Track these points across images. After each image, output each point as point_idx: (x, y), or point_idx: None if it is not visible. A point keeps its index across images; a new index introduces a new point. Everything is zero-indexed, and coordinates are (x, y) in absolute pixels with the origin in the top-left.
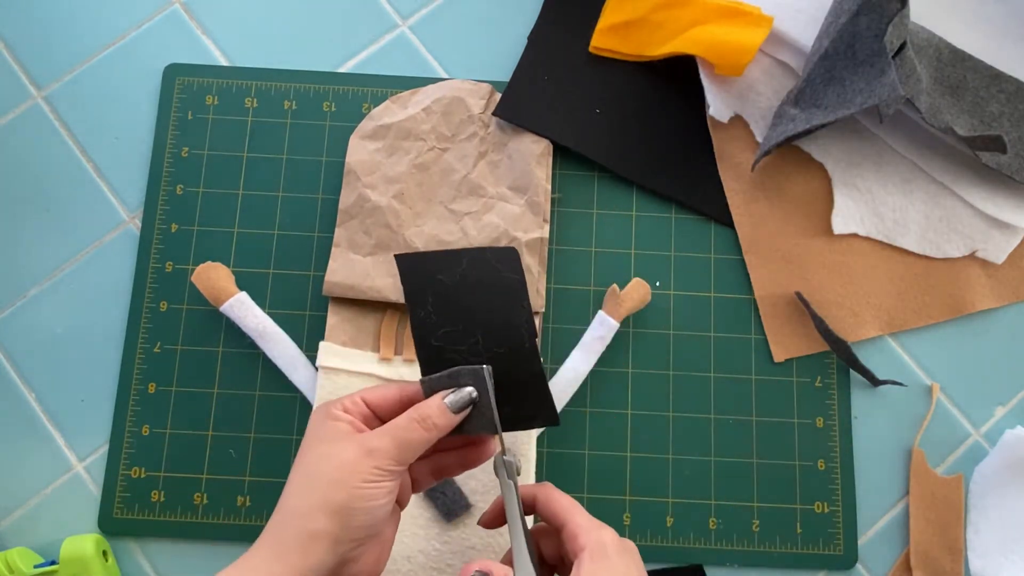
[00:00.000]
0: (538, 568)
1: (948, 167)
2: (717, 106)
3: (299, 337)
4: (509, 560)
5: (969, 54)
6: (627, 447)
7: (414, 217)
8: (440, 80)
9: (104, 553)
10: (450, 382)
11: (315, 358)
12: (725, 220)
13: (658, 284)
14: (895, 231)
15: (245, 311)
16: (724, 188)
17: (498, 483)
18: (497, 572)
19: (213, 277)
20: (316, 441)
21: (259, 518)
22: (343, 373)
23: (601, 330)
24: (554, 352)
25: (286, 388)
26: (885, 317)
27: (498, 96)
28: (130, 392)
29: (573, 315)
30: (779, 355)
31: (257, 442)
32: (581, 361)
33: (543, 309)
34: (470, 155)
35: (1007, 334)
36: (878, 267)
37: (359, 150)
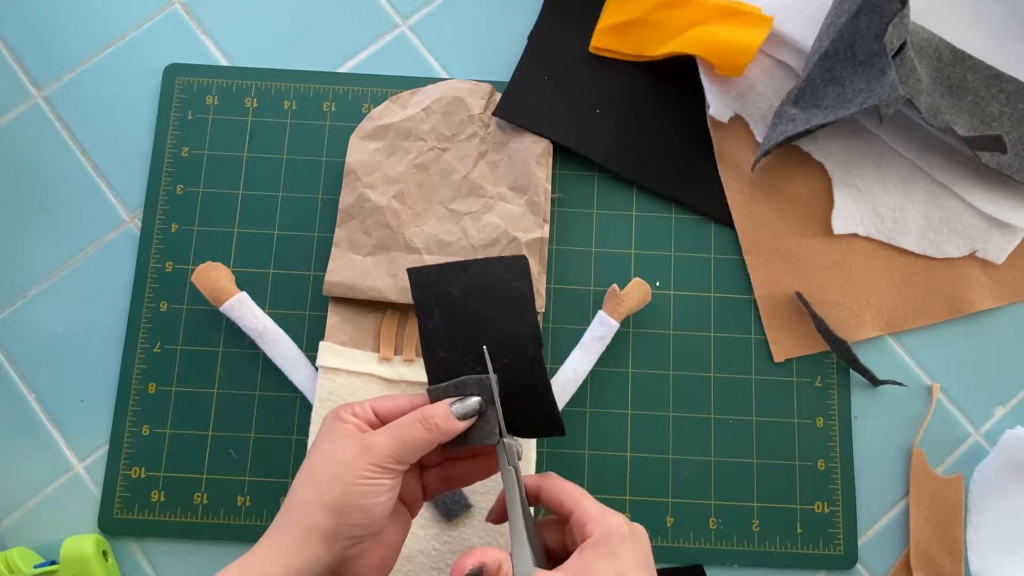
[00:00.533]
0: (542, 557)
1: (948, 167)
2: (717, 106)
3: (299, 337)
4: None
5: (969, 54)
6: (627, 447)
7: (414, 217)
8: (440, 80)
9: (104, 553)
10: (456, 391)
11: (315, 358)
12: (725, 220)
13: (658, 284)
14: (895, 231)
15: (245, 311)
16: (724, 188)
17: (497, 485)
18: (491, 562)
19: (213, 277)
20: (321, 440)
21: (259, 518)
22: (343, 373)
23: (601, 330)
24: (554, 352)
25: (286, 388)
26: (885, 317)
27: (498, 96)
28: (130, 392)
29: (573, 315)
30: (779, 355)
31: (257, 442)
32: (581, 361)
33: (543, 309)
34: (470, 155)
35: (1007, 334)
36: (878, 267)
37: (359, 150)
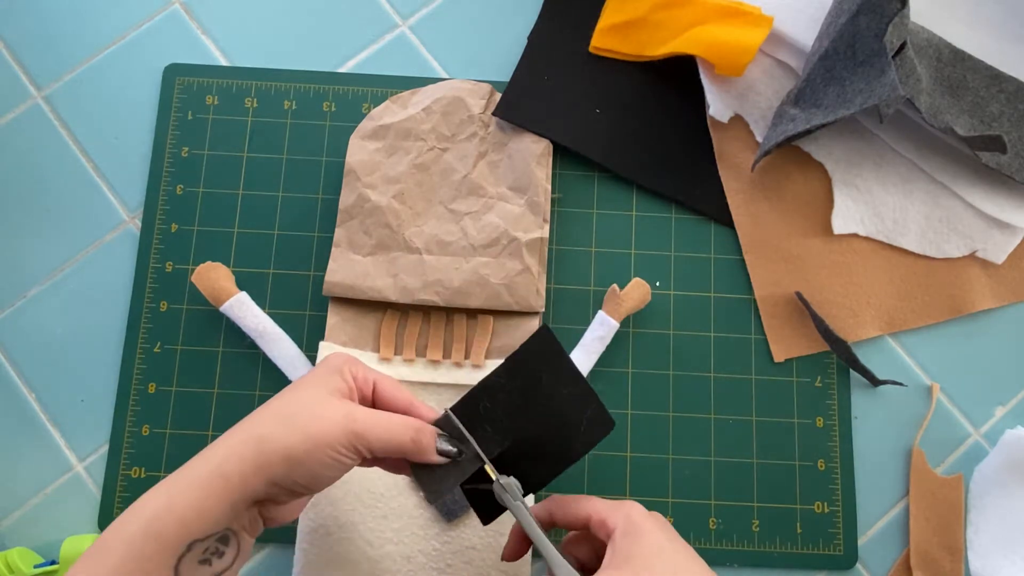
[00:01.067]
0: (577, 573)
1: (948, 167)
2: (717, 106)
3: (299, 337)
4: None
5: (969, 54)
6: (627, 447)
7: (414, 217)
8: (440, 80)
9: None
10: (458, 439)
11: (315, 358)
12: (725, 220)
13: (658, 284)
14: (895, 231)
15: (245, 311)
16: (724, 188)
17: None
18: None
19: (213, 277)
20: (310, 385)
21: None
22: None
23: (601, 330)
24: None
25: None
26: (885, 317)
27: (498, 96)
28: (130, 392)
29: (573, 315)
30: (779, 355)
31: None
32: (581, 361)
33: (543, 309)
34: (470, 155)
35: (1007, 334)
36: (878, 267)
37: (359, 150)
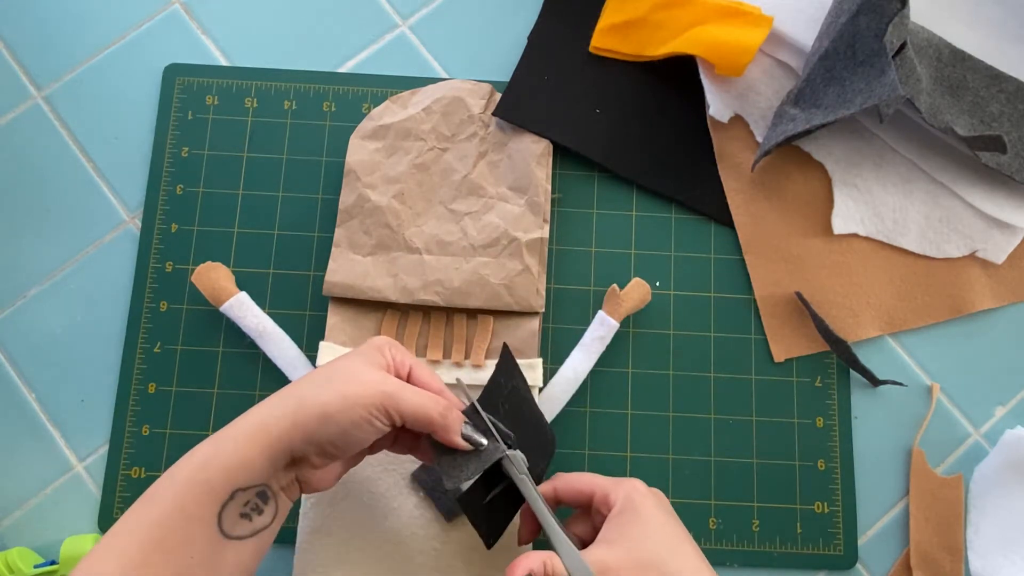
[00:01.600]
0: (579, 548)
1: (948, 167)
2: (717, 106)
3: (299, 337)
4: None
5: (969, 54)
6: (627, 447)
7: (414, 217)
8: (440, 80)
9: None
10: (483, 429)
11: (315, 358)
12: (725, 220)
13: (658, 284)
14: (895, 231)
15: (245, 311)
16: (724, 188)
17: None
18: (536, 567)
19: (213, 277)
20: (351, 356)
21: None
22: None
23: (601, 330)
24: (554, 352)
25: None
26: (885, 317)
27: (498, 96)
28: (130, 392)
29: (573, 315)
30: (779, 355)
31: None
32: (581, 361)
33: (543, 309)
34: (470, 155)
35: (1007, 334)
36: (878, 267)
37: (359, 150)
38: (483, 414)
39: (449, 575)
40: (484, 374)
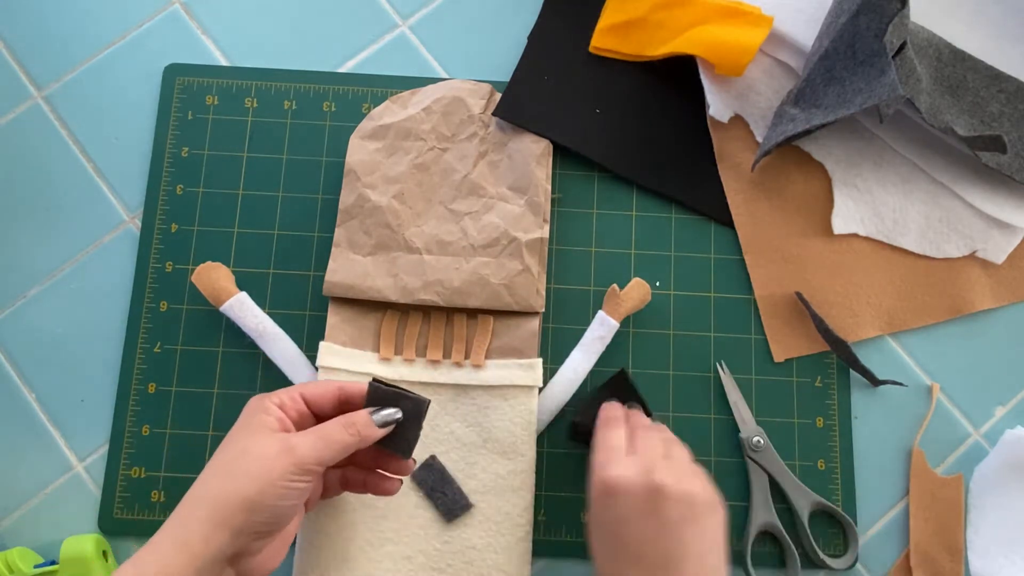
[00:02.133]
0: None
1: (948, 167)
2: (717, 106)
3: (299, 337)
4: None
5: (969, 54)
6: None
7: (414, 217)
8: (440, 80)
9: (104, 553)
10: (393, 398)
11: (315, 358)
12: (725, 220)
13: (658, 284)
14: (895, 231)
15: (245, 311)
16: (724, 188)
17: (496, 485)
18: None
19: (213, 277)
20: (241, 433)
21: None
22: (343, 373)
23: (601, 330)
24: (554, 352)
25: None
26: (885, 317)
27: (498, 96)
28: (130, 392)
29: (573, 315)
30: (779, 355)
31: None
32: (581, 361)
33: (543, 309)
34: (470, 155)
35: (1007, 334)
36: (878, 267)
37: (359, 150)
38: (382, 383)
39: (449, 575)
40: (484, 374)
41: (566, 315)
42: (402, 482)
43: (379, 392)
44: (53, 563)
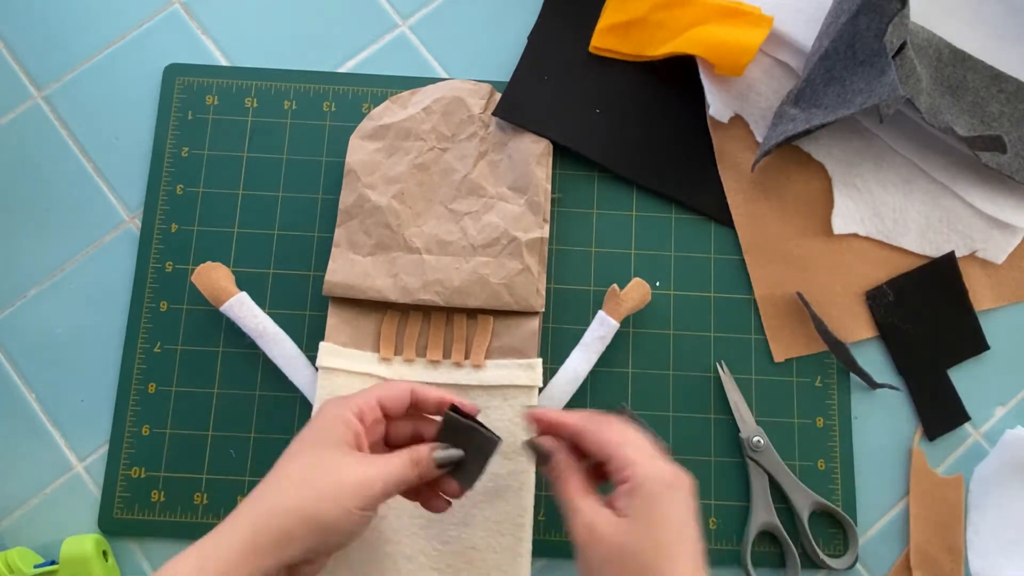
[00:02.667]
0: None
1: (948, 167)
2: (717, 106)
3: (299, 337)
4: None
5: (969, 54)
6: None
7: (414, 217)
8: (440, 80)
9: (104, 553)
10: (466, 432)
11: (315, 358)
12: (725, 220)
13: (658, 284)
14: (895, 231)
15: (245, 311)
16: (724, 188)
17: (496, 485)
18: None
19: (213, 277)
20: (319, 442)
21: None
22: (343, 373)
23: (601, 330)
24: (554, 352)
25: (286, 388)
26: None
27: (498, 96)
28: (130, 392)
29: (573, 315)
30: (779, 355)
31: (257, 442)
32: (581, 361)
33: (543, 309)
34: (470, 155)
35: (1007, 334)
36: (878, 267)
37: (359, 150)
38: (459, 414)
39: (449, 575)
40: (484, 374)
41: (566, 315)
42: (451, 503)
43: (453, 423)
44: (53, 563)
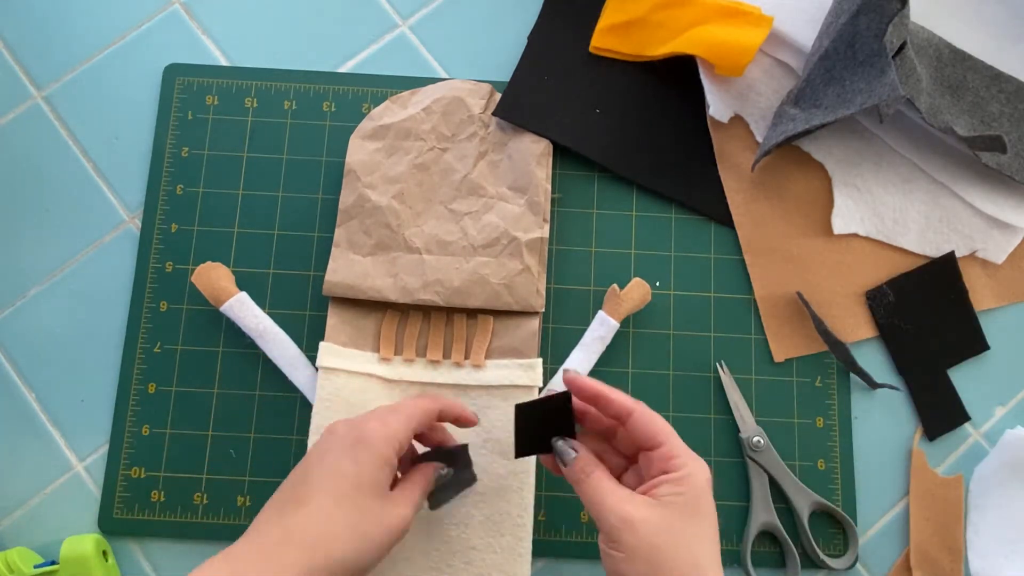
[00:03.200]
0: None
1: (948, 167)
2: (717, 106)
3: (299, 337)
4: None
5: (969, 54)
6: None
7: (414, 217)
8: (440, 80)
9: (104, 553)
10: (457, 463)
11: (315, 358)
12: (725, 220)
13: (658, 284)
14: (895, 231)
15: (245, 311)
16: (724, 188)
17: (496, 485)
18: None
19: (213, 277)
20: (365, 488)
21: None
22: (343, 373)
23: (601, 330)
24: (554, 352)
25: (286, 388)
26: None
27: (498, 96)
28: (130, 392)
29: (573, 315)
30: (779, 355)
31: (257, 442)
32: (581, 361)
33: (543, 309)
34: (470, 155)
35: (1007, 334)
36: (878, 267)
37: (359, 150)
38: (443, 449)
39: (449, 575)
40: (484, 374)
41: (566, 315)
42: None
43: (449, 450)
44: (53, 563)
